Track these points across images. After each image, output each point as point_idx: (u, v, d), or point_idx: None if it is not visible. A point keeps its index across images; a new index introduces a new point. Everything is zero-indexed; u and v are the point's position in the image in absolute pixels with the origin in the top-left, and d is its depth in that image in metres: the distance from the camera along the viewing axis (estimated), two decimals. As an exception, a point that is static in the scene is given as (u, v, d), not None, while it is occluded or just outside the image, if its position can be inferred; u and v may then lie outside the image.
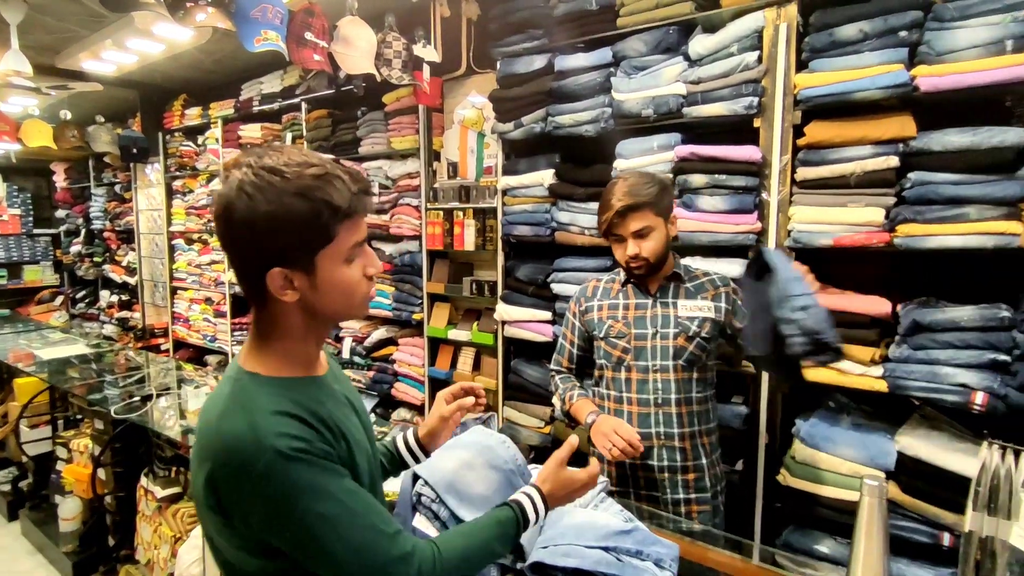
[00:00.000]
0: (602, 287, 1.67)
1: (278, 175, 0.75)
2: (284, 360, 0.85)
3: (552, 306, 2.49)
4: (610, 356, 1.60)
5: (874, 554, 1.10)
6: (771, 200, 1.92)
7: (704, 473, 1.58)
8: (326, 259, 0.80)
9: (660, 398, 1.55)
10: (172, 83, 4.63)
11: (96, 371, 3.10)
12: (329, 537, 0.76)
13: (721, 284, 1.59)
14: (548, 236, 2.47)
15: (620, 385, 1.59)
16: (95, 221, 6.04)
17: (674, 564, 1.19)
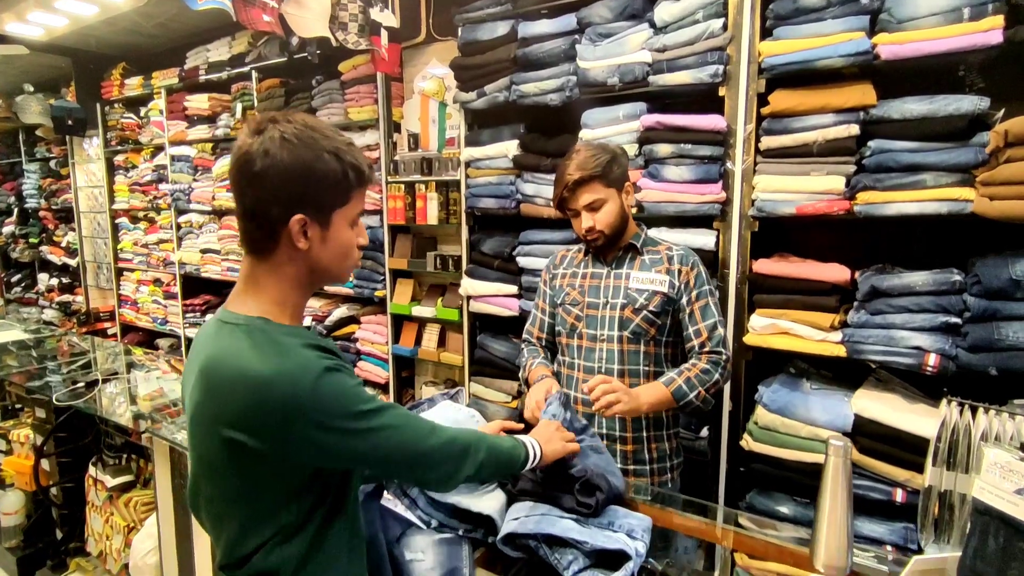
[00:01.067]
0: (569, 256, 1.70)
1: (318, 133, 0.85)
2: (283, 309, 0.90)
3: (518, 279, 2.46)
4: (565, 323, 1.63)
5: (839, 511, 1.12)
6: (735, 169, 1.92)
7: (644, 446, 1.59)
8: (339, 218, 0.89)
9: (603, 367, 1.56)
10: (110, 49, 4.33)
11: (36, 357, 2.93)
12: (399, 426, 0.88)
13: (680, 262, 1.54)
14: (513, 209, 2.42)
15: (572, 352, 1.61)
16: (29, 199, 5.66)
17: (646, 535, 1.18)
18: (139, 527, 2.08)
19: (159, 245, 4.40)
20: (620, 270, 1.57)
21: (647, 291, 1.53)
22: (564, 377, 1.64)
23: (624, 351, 1.55)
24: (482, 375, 2.65)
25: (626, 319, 1.53)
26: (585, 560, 1.12)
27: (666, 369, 1.58)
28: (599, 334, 1.56)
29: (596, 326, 1.57)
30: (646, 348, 1.55)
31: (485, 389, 2.64)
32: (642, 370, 1.56)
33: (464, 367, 2.71)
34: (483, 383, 2.65)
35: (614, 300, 1.55)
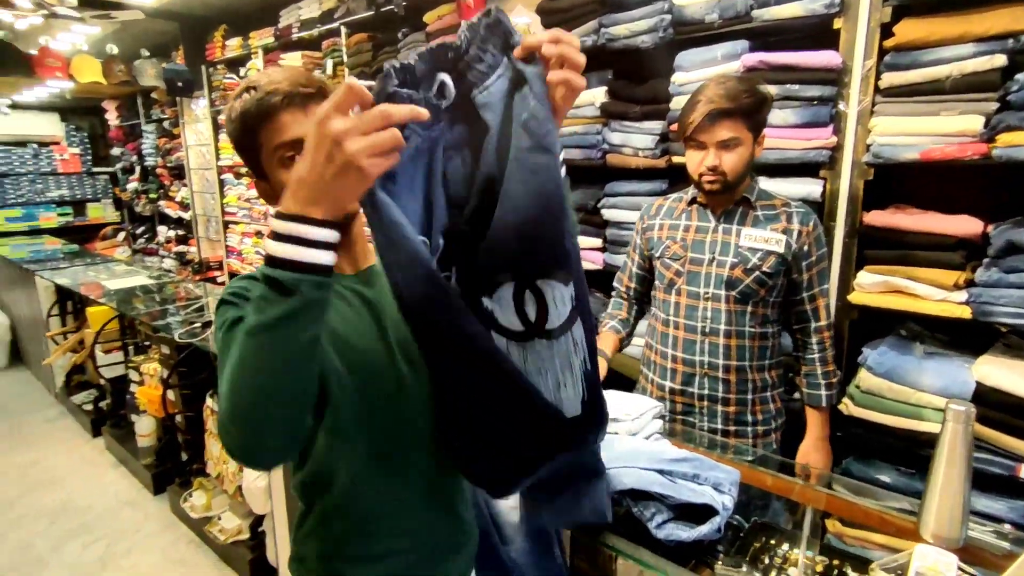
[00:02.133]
0: (667, 206, 1.61)
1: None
2: None
3: (603, 233, 2.40)
4: (663, 277, 1.56)
5: (955, 480, 1.05)
6: (849, 111, 1.74)
7: (747, 408, 1.53)
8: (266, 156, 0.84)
9: (708, 327, 1.49)
10: (211, 12, 4.56)
11: (159, 301, 3.24)
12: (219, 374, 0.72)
13: (800, 221, 1.44)
14: (599, 159, 2.35)
15: (669, 308, 1.55)
16: (148, 158, 6.18)
17: (734, 488, 1.16)
18: (250, 455, 2.30)
19: (260, 199, 4.69)
20: (730, 225, 1.47)
21: (761, 251, 1.42)
22: (659, 334, 1.59)
23: (731, 311, 1.46)
24: (564, 329, 2.65)
25: (735, 279, 1.44)
26: (669, 512, 1.11)
27: (771, 329, 1.51)
28: (703, 292, 1.48)
29: (699, 283, 1.49)
30: (754, 309, 1.47)
31: (566, 343, 2.64)
32: (748, 331, 1.48)
33: (546, 320, 2.72)
34: (564, 337, 2.65)
35: (722, 257, 1.46)
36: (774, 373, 1.56)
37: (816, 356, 1.54)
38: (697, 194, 1.53)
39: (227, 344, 0.69)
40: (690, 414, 1.57)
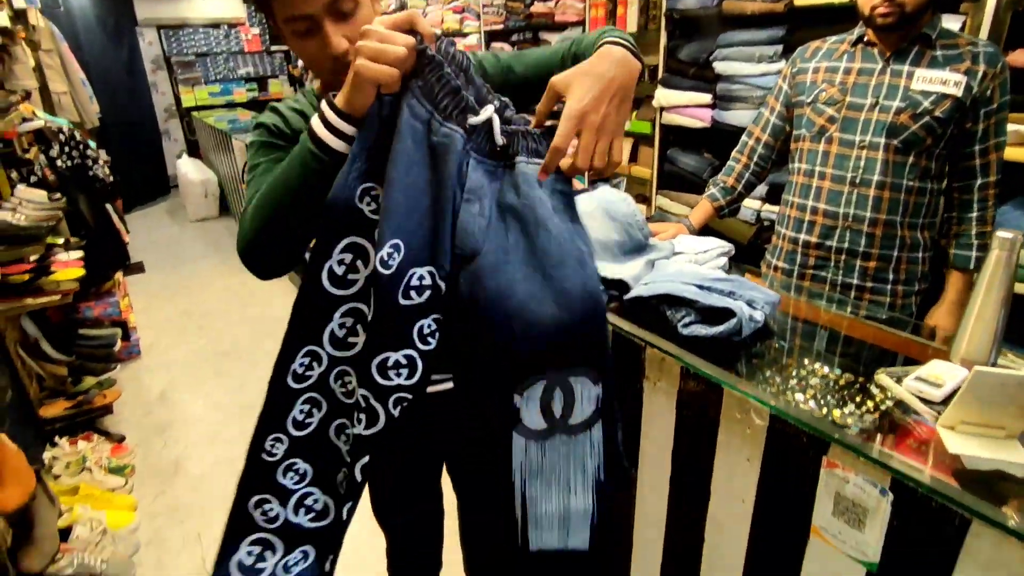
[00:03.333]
0: (825, 48, 1.48)
1: None
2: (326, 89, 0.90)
3: (713, 88, 2.35)
4: (812, 125, 1.46)
5: (991, 308, 1.06)
6: (1006, -74, 1.50)
7: (890, 265, 1.45)
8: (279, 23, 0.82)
9: (859, 177, 1.40)
10: None
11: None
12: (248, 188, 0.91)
13: (986, 61, 1.27)
14: (714, 6, 2.25)
15: (815, 158, 1.46)
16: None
17: (768, 307, 1.25)
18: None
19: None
20: (901, 66, 1.33)
21: (935, 94, 1.29)
22: (799, 187, 1.52)
23: (889, 161, 1.35)
24: (669, 188, 2.71)
25: (900, 125, 1.33)
26: (697, 316, 1.26)
27: (932, 185, 1.39)
28: (859, 140, 1.38)
29: (855, 130, 1.38)
30: (915, 160, 1.35)
31: (671, 203, 2.70)
32: (905, 185, 1.37)
33: (653, 181, 2.79)
34: (670, 197, 2.71)
35: (887, 102, 1.34)
36: (927, 234, 1.45)
37: (975, 215, 1.38)
38: (864, 33, 1.40)
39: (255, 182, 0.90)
40: (823, 268, 1.51)
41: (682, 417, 1.20)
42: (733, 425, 1.11)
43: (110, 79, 6.01)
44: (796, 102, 1.51)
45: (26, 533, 1.64)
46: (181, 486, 2.23)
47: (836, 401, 1.00)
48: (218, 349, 3.29)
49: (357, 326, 0.81)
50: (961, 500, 0.77)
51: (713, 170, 2.51)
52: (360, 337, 0.82)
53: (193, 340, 3.41)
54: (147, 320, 3.67)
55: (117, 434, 2.49)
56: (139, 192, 6.52)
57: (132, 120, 6.45)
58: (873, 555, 0.92)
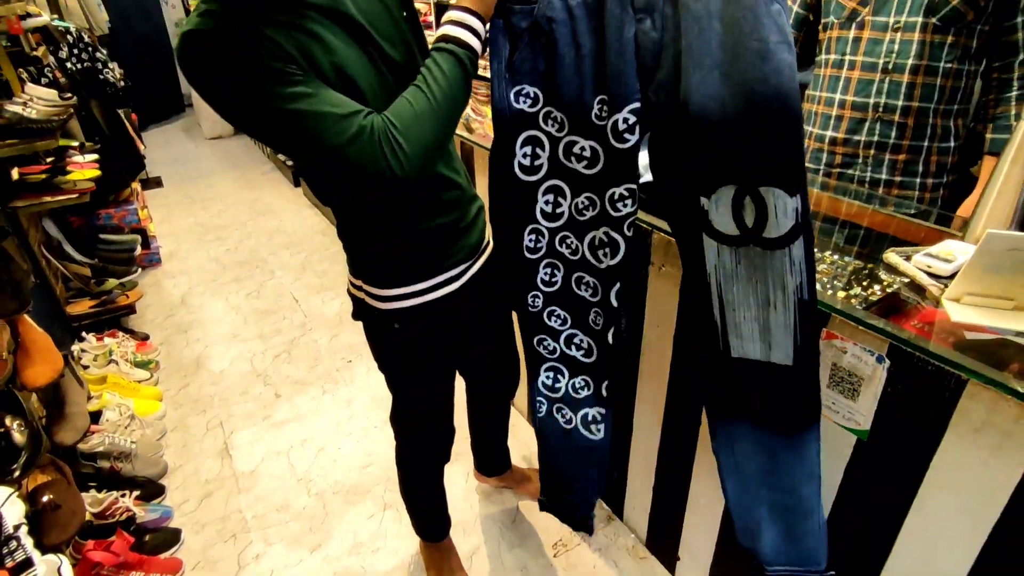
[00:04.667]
0: None
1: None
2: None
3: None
4: (841, 9, 1.38)
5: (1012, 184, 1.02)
6: None
7: (920, 157, 1.38)
8: None
9: (892, 63, 1.31)
10: None
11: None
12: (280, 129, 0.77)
13: None
14: None
15: (844, 46, 1.38)
16: None
17: None
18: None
19: None
20: None
21: None
22: (826, 79, 1.45)
23: (926, 42, 1.27)
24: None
25: (940, 1, 1.24)
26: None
27: (969, 67, 1.30)
28: (893, 21, 1.29)
29: (890, 11, 1.29)
30: (955, 38, 1.26)
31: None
32: (943, 68, 1.29)
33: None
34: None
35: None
36: (960, 122, 1.38)
37: (1014, 94, 1.28)
38: None
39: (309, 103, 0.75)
40: (851, 166, 1.45)
41: (684, 302, 1.20)
42: (735, 304, 1.10)
43: (118, -11, 5.82)
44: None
45: (59, 411, 1.74)
46: (203, 379, 2.33)
47: (843, 284, 0.98)
48: (235, 258, 3.35)
49: (559, 199, 1.00)
50: (960, 362, 0.76)
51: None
52: (565, 204, 1.00)
53: (212, 249, 3.46)
54: (166, 230, 3.73)
55: (141, 332, 2.59)
56: (154, 109, 6.46)
57: (143, 35, 6.29)
58: (864, 423, 0.93)
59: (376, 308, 1.05)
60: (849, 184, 1.48)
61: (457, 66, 0.83)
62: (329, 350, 2.47)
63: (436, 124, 0.81)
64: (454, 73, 0.83)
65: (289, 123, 0.74)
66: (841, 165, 1.48)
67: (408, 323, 1.05)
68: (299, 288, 2.98)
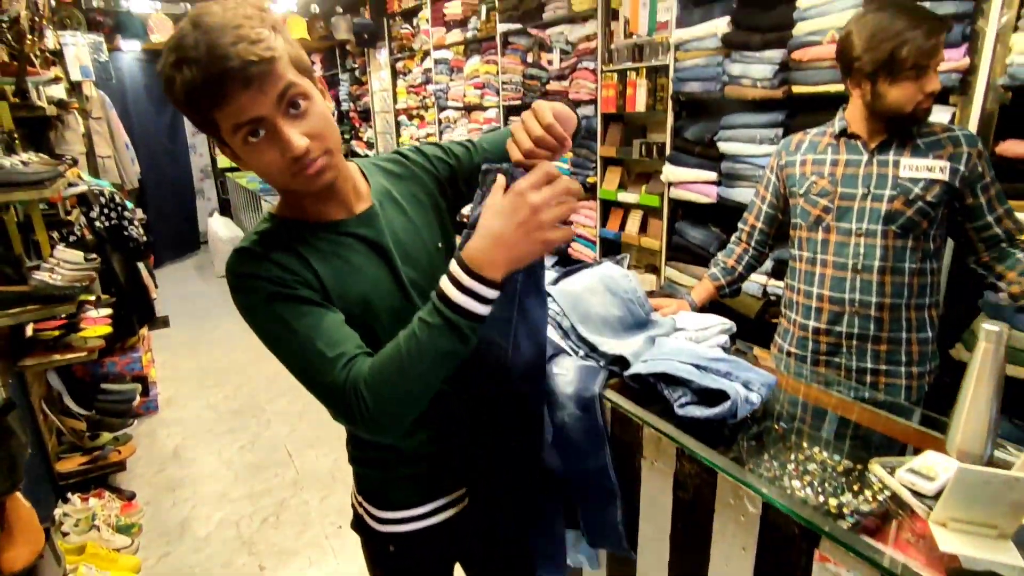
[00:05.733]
0: (808, 140, 1.53)
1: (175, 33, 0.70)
2: (291, 205, 0.86)
3: (717, 166, 2.44)
4: (807, 215, 1.50)
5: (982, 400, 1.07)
6: (988, 28, 1.59)
7: (901, 347, 1.46)
8: (226, 135, 0.74)
9: (860, 264, 1.43)
10: (391, -32, 5.09)
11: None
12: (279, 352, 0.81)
13: (967, 143, 1.34)
14: (718, 91, 2.36)
15: (815, 246, 1.50)
16: (343, 103, 7.17)
17: (764, 389, 1.26)
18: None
19: (427, 139, 5.28)
20: (886, 156, 1.38)
21: (924, 180, 1.34)
22: (802, 273, 1.55)
23: (888, 246, 1.39)
24: (677, 260, 2.77)
25: (895, 212, 1.36)
26: (693, 396, 1.28)
27: (932, 265, 1.43)
28: (855, 227, 1.42)
29: (851, 219, 1.42)
30: (914, 243, 1.39)
31: (679, 274, 2.75)
32: (908, 267, 1.40)
33: (662, 252, 2.85)
34: (678, 268, 2.77)
35: (879, 191, 1.38)
36: (933, 312, 1.47)
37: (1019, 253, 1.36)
38: (846, 126, 1.44)
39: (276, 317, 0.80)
40: (836, 354, 1.52)
41: (679, 499, 1.21)
42: (728, 511, 1.10)
43: (152, 142, 6.39)
44: (789, 193, 1.56)
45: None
46: (187, 547, 2.24)
47: (833, 489, 1.00)
48: (233, 406, 3.35)
49: None
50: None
51: (720, 244, 2.57)
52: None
53: (210, 395, 3.47)
54: (168, 373, 3.76)
55: (128, 491, 2.52)
56: (171, 247, 6.80)
57: (170, 180, 6.80)
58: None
59: (372, 527, 1.04)
60: (837, 372, 1.54)
61: (447, 336, 0.73)
62: (319, 513, 2.39)
63: (409, 389, 0.75)
64: (440, 344, 0.73)
65: (281, 346, 0.79)
66: (827, 353, 1.55)
67: (404, 548, 1.03)
68: (294, 440, 2.95)
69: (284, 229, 0.83)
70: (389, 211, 0.92)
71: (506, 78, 3.83)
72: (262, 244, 0.81)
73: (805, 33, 2.00)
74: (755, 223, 1.68)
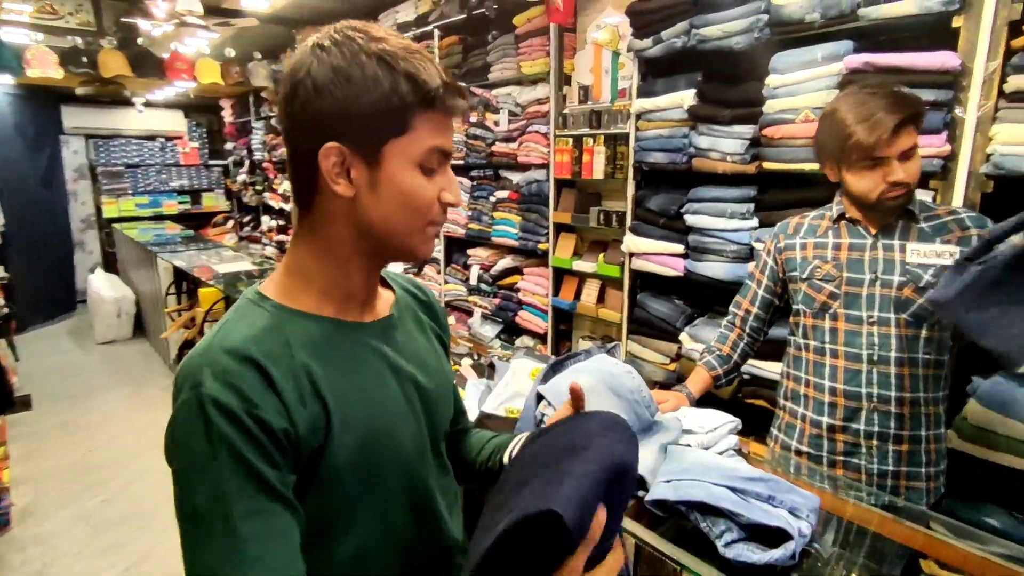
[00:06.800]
0: (807, 224, 1.46)
1: (362, 34, 0.63)
2: (310, 287, 0.69)
3: (685, 239, 2.35)
4: (812, 301, 1.41)
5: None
6: (967, 117, 1.60)
7: (921, 447, 1.37)
8: (395, 154, 0.64)
9: (876, 355, 1.34)
10: (318, 17, 4.85)
11: (260, 286, 3.51)
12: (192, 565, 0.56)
13: (973, 225, 1.29)
14: (684, 163, 2.29)
15: (823, 335, 1.41)
16: (256, 152, 6.70)
17: (812, 515, 1.10)
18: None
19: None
20: (891, 240, 1.32)
21: (934, 266, 1.28)
22: (810, 364, 1.44)
23: (903, 336, 1.31)
24: (640, 334, 2.62)
25: (906, 300, 1.30)
26: (740, 532, 1.08)
27: (947, 357, 1.34)
28: (866, 315, 1.34)
29: (861, 306, 1.34)
30: (928, 333, 1.31)
31: (643, 349, 2.60)
32: (922, 359, 1.32)
33: (623, 325, 2.70)
34: (641, 343, 2.62)
35: (887, 276, 1.32)
36: (943, 408, 1.39)
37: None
38: (844, 210, 1.39)
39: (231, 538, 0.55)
40: (854, 455, 1.40)
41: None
42: None
43: (22, 188, 5.57)
44: (789, 278, 1.47)
45: None
46: None
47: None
48: (114, 515, 2.73)
49: None
50: None
51: (687, 318, 2.46)
52: None
53: (83, 501, 2.82)
54: (26, 472, 3.05)
55: (-41, 654, 1.90)
56: (40, 308, 5.84)
57: (42, 231, 5.93)
58: None
59: None
60: (857, 474, 1.40)
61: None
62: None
63: None
64: None
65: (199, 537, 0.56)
66: (844, 453, 1.42)
67: None
68: (195, 558, 2.41)
69: (288, 323, 0.65)
70: (410, 326, 0.80)
71: (446, 137, 3.65)
72: (255, 344, 0.61)
73: (776, 111, 1.97)
74: (750, 308, 1.58)
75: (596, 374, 1.43)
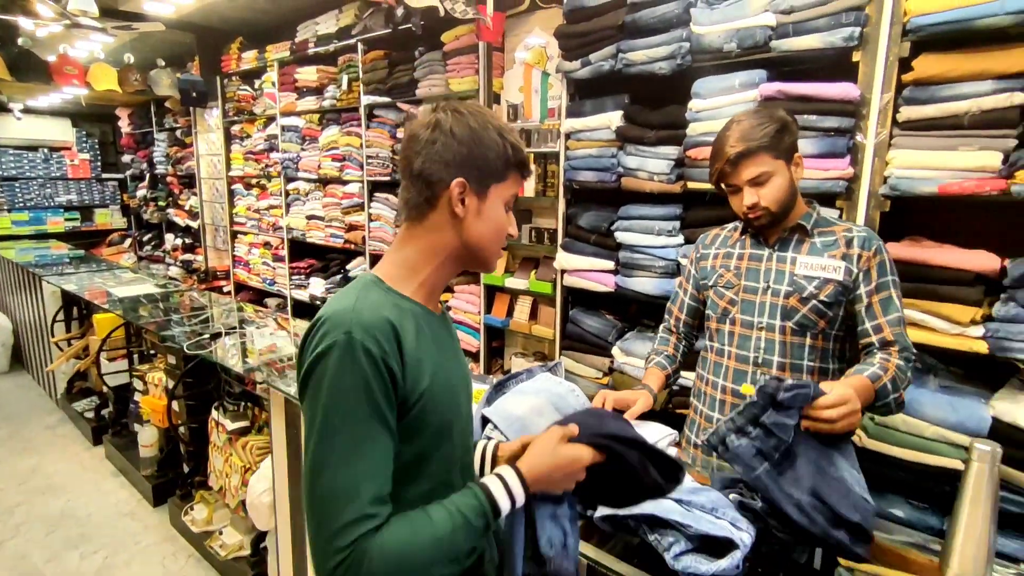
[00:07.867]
0: (723, 235, 1.57)
1: (488, 114, 0.90)
2: (410, 276, 0.90)
3: (615, 255, 2.41)
4: (716, 307, 1.51)
5: (980, 523, 1.03)
6: (867, 143, 1.76)
7: None
8: (496, 194, 0.90)
9: (761, 358, 1.42)
10: (229, 25, 4.62)
11: (164, 310, 3.23)
12: (318, 452, 0.76)
13: (861, 245, 1.34)
14: (613, 182, 2.36)
15: (723, 338, 1.50)
16: (158, 166, 6.22)
17: (751, 526, 1.13)
18: (255, 468, 2.27)
19: (269, 211, 4.71)
20: (784, 253, 1.41)
21: (817, 279, 1.35)
22: (711, 364, 1.54)
23: (787, 343, 1.39)
24: (573, 350, 2.65)
25: (791, 308, 1.38)
26: (687, 543, 1.09)
27: (833, 366, 1.42)
28: (756, 321, 1.43)
29: (753, 312, 1.43)
30: (812, 342, 1.39)
31: (576, 364, 2.63)
32: (806, 365, 1.40)
33: (555, 341, 2.72)
34: (574, 358, 2.64)
35: (776, 286, 1.40)
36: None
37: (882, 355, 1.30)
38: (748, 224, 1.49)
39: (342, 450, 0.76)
40: None
41: None
42: None
43: None
44: (702, 285, 1.57)
45: None
46: None
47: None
48: (-11, 575, 2.38)
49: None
50: None
51: (618, 332, 2.51)
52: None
53: (-52, 563, 2.44)
54: None
55: None
56: None
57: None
58: None
59: None
60: None
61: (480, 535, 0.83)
62: None
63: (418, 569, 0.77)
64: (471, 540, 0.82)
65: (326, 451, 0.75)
66: None
67: None
68: (92, 618, 2.15)
69: (400, 302, 0.87)
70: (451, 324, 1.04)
71: (371, 152, 3.55)
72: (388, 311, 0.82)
73: (699, 133, 2.08)
74: (679, 314, 1.67)
75: (542, 394, 1.42)
